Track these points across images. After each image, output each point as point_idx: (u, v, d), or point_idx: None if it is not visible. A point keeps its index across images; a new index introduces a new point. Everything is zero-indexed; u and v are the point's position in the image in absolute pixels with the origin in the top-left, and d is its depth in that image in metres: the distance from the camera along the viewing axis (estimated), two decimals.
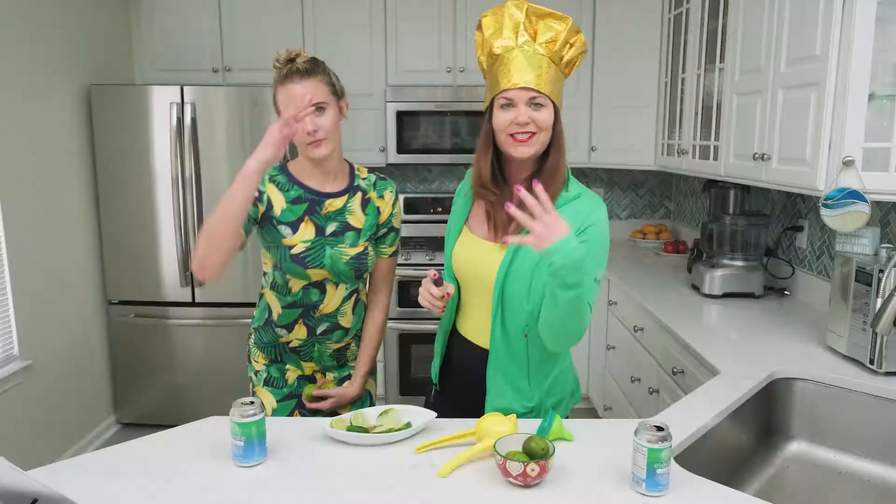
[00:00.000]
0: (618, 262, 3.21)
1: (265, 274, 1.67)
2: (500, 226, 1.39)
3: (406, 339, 3.39)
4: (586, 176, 4.00)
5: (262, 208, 1.57)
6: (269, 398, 1.69)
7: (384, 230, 1.69)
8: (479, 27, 1.39)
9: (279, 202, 1.58)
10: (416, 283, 3.38)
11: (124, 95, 3.10)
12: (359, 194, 1.64)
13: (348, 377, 1.74)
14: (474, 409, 1.43)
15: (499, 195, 1.38)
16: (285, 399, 1.69)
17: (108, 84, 3.20)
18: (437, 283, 1.35)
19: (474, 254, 1.41)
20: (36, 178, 2.77)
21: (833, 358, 1.77)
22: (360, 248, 1.61)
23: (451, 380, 1.54)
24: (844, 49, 1.69)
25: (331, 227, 1.59)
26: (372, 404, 1.80)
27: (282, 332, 1.66)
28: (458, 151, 3.48)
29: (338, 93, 1.57)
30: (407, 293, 3.34)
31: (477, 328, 1.45)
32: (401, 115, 3.46)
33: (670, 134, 3.13)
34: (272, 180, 1.60)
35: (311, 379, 1.72)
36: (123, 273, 3.24)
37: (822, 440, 1.64)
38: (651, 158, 3.36)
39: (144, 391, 3.33)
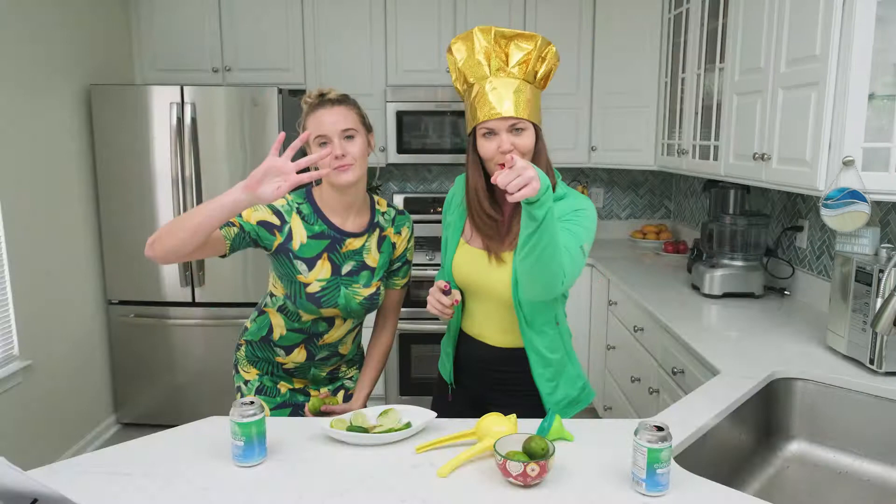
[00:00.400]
0: (618, 262, 3.22)
1: (273, 296, 1.63)
2: (495, 250, 1.46)
3: (406, 339, 3.39)
4: (586, 176, 4.00)
5: (279, 239, 1.53)
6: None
7: (398, 264, 1.68)
8: (450, 52, 1.42)
9: (300, 235, 1.54)
10: (417, 282, 3.38)
11: (124, 95, 3.11)
12: (377, 232, 1.62)
13: (341, 387, 1.75)
14: (488, 400, 1.55)
15: (498, 220, 1.46)
16: (279, 408, 1.69)
17: (108, 84, 3.21)
18: (446, 292, 1.41)
19: (478, 266, 1.48)
20: (36, 178, 2.77)
21: (833, 358, 1.77)
22: (373, 289, 1.60)
23: (464, 377, 1.61)
24: (844, 49, 1.69)
25: (347, 267, 1.57)
26: None
27: (280, 352, 1.65)
28: (458, 151, 3.48)
29: (367, 125, 1.55)
30: (407, 294, 3.34)
31: (483, 328, 1.54)
32: (401, 115, 3.46)
33: (670, 134, 3.13)
34: (298, 211, 1.55)
35: (303, 392, 1.72)
36: (123, 273, 3.24)
37: (822, 440, 1.64)
38: (651, 158, 3.36)
39: (144, 391, 3.33)
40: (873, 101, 1.69)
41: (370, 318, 1.73)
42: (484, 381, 1.57)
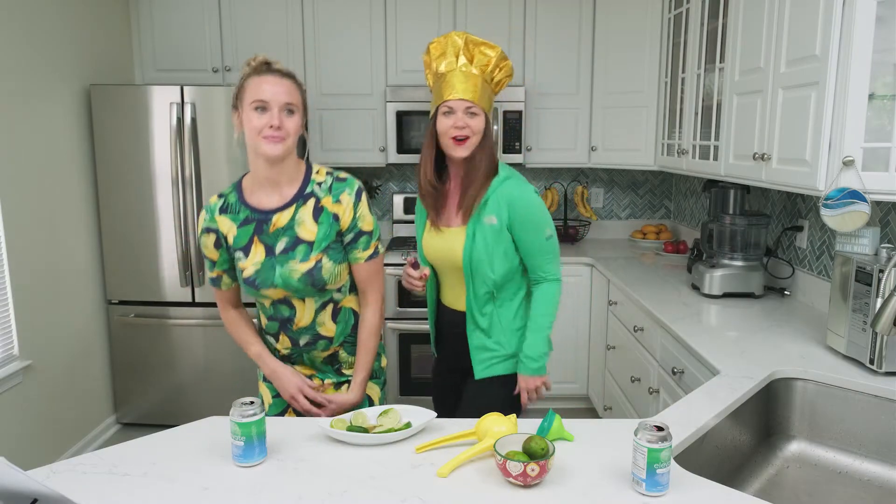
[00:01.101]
0: (618, 262, 3.22)
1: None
2: (443, 216, 1.77)
3: (406, 339, 3.39)
4: (586, 176, 4.00)
5: (223, 244, 1.60)
6: (266, 394, 1.74)
7: (350, 235, 1.59)
8: (428, 51, 1.72)
9: (230, 230, 1.58)
10: None
11: (124, 95, 3.11)
12: (310, 202, 1.56)
13: (347, 382, 1.71)
14: (464, 361, 1.80)
15: (439, 189, 1.75)
16: (280, 395, 1.71)
17: (108, 84, 3.21)
18: (415, 266, 1.74)
19: (439, 241, 1.76)
20: (36, 178, 2.77)
21: (833, 358, 1.77)
22: (311, 263, 1.54)
23: (444, 343, 1.89)
24: (844, 49, 1.69)
25: (281, 244, 1.55)
26: None
27: (271, 339, 1.70)
28: None
29: (305, 107, 1.57)
30: (407, 293, 3.34)
31: (454, 297, 1.81)
32: (401, 115, 3.46)
33: (670, 134, 3.13)
34: (223, 210, 1.59)
35: (309, 377, 1.71)
36: (123, 273, 3.24)
37: (822, 440, 1.64)
38: (651, 158, 3.36)
39: (144, 391, 3.33)
40: (873, 101, 1.69)
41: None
42: (458, 346, 1.81)
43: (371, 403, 1.76)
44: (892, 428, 1.54)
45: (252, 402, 1.19)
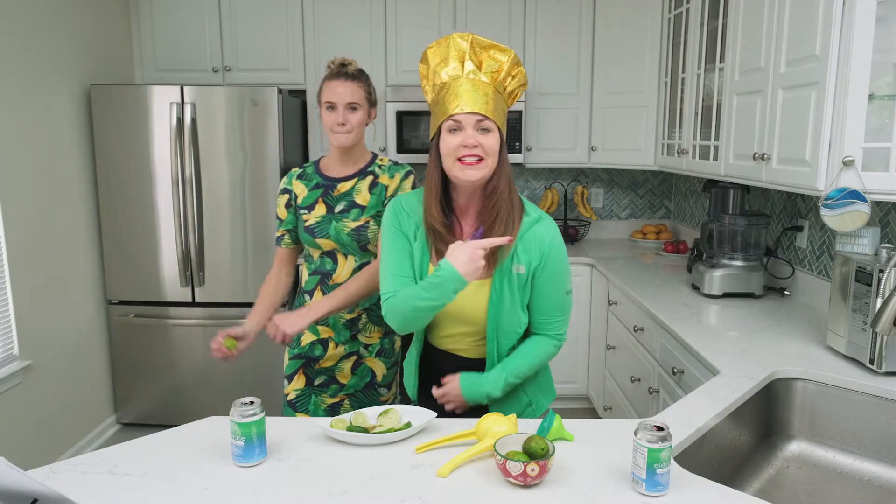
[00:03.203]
0: (618, 262, 3.22)
1: (303, 253, 1.96)
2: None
3: (406, 340, 3.39)
4: (586, 176, 4.00)
5: (292, 204, 1.91)
6: (285, 356, 1.99)
7: (387, 201, 1.84)
8: (425, 59, 1.43)
9: (301, 192, 1.90)
10: None
11: (124, 95, 3.10)
12: (369, 177, 1.87)
13: (356, 353, 1.92)
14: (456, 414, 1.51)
15: (449, 228, 1.42)
16: (295, 357, 1.94)
17: (108, 84, 3.21)
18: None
19: None
20: (36, 178, 2.77)
21: (833, 358, 1.77)
22: (361, 222, 1.83)
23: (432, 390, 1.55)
24: (844, 49, 1.69)
25: (339, 206, 1.85)
26: (379, 383, 1.96)
27: (307, 297, 1.91)
28: None
29: (371, 101, 1.85)
30: None
31: (458, 343, 1.53)
32: (401, 115, 3.46)
33: (670, 134, 3.13)
34: (300, 177, 1.91)
35: (324, 343, 1.91)
36: (123, 273, 3.24)
37: (822, 440, 1.64)
38: (651, 158, 3.36)
39: (144, 391, 3.33)
40: (873, 101, 1.69)
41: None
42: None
43: (373, 377, 1.95)
44: (892, 428, 1.54)
45: (252, 402, 1.19)
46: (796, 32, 1.91)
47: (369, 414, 1.35)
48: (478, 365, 1.51)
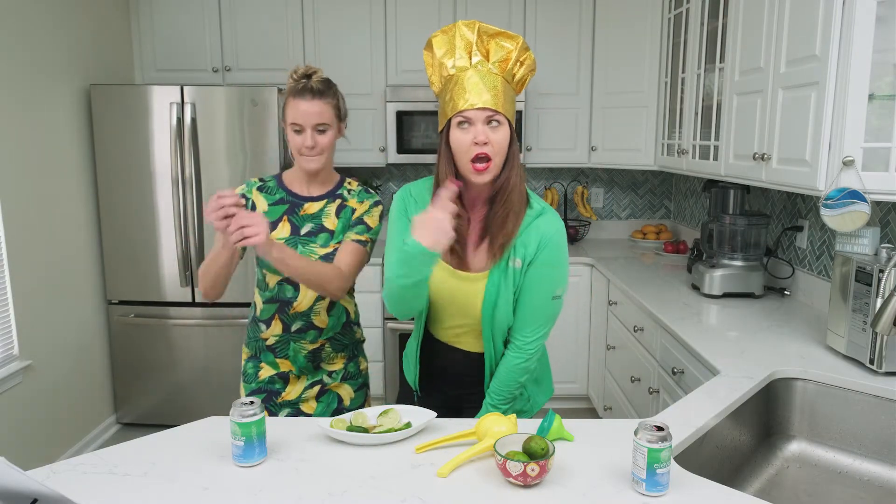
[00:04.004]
0: (618, 262, 3.22)
1: (257, 277, 1.75)
2: (460, 254, 1.44)
3: (404, 339, 3.39)
4: (586, 176, 4.00)
5: None
6: (241, 391, 1.82)
7: (354, 221, 1.69)
8: (430, 47, 1.41)
9: (262, 205, 1.70)
10: None
11: (124, 95, 3.10)
12: (338, 201, 1.72)
13: (320, 382, 1.75)
14: (458, 404, 1.58)
15: (462, 220, 1.40)
16: (253, 393, 1.75)
17: (108, 84, 3.21)
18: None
19: (456, 285, 1.45)
20: (36, 178, 2.77)
21: (833, 358, 1.77)
22: (329, 249, 1.66)
23: (434, 382, 1.61)
24: (844, 49, 1.69)
25: (306, 228, 1.68)
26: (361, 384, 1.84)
27: (262, 327, 1.73)
28: None
29: (341, 116, 1.68)
30: None
31: (457, 335, 1.54)
32: (401, 115, 3.46)
33: (670, 134, 3.13)
34: (260, 189, 1.72)
35: (284, 377, 1.74)
36: (123, 273, 3.24)
37: (822, 440, 1.64)
38: (651, 158, 3.36)
39: (144, 391, 3.33)
40: (873, 101, 1.69)
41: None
42: (461, 384, 1.58)
43: (340, 403, 1.79)
44: (892, 428, 1.54)
45: (252, 402, 1.19)
46: (796, 32, 1.91)
47: (369, 414, 1.35)
48: (477, 358, 1.53)
